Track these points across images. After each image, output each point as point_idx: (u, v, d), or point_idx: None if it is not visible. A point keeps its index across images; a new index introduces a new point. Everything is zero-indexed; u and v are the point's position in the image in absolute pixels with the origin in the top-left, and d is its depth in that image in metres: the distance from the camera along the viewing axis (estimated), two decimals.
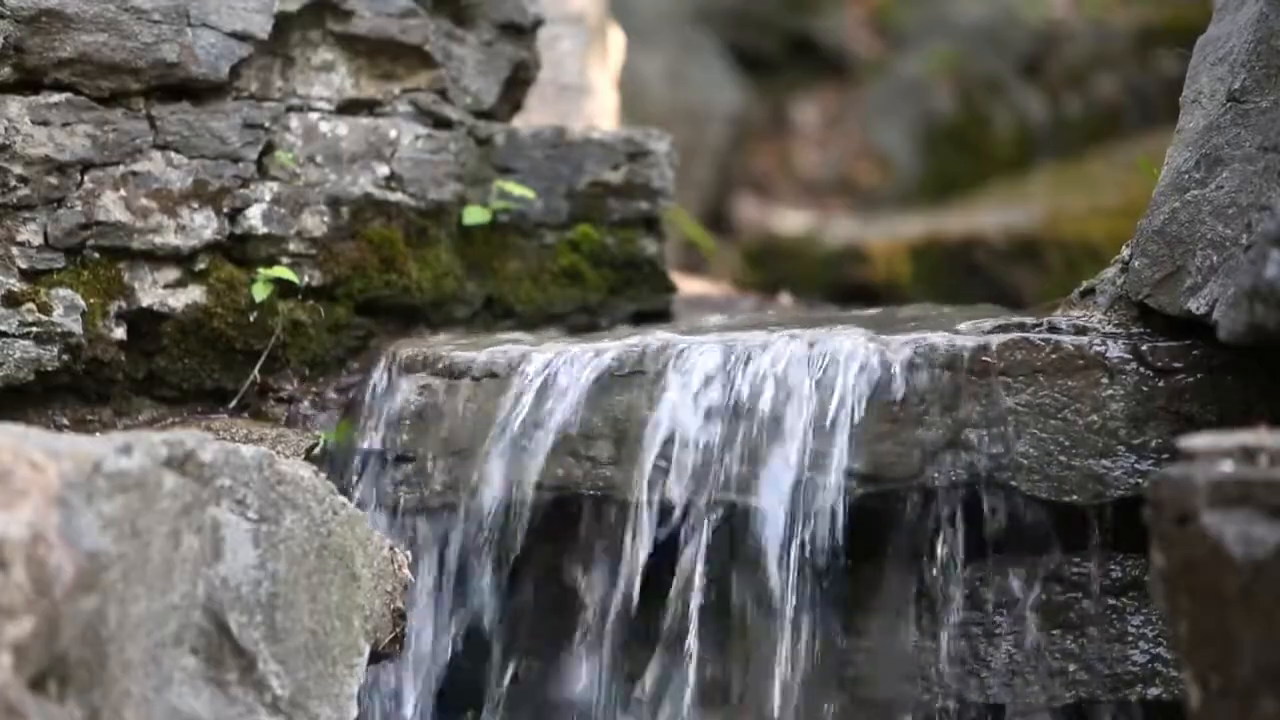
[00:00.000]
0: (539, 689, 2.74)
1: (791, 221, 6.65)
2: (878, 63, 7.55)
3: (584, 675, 2.69)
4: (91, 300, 2.80)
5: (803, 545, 2.58)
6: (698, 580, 2.62)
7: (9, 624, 1.83)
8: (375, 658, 2.32)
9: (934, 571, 2.63)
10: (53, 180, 2.79)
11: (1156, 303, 2.65)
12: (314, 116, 3.01)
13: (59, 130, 2.79)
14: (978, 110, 7.08)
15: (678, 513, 2.62)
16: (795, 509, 2.59)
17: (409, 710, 2.70)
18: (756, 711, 2.62)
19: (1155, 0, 6.95)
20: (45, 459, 1.92)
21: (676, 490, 2.62)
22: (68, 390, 2.85)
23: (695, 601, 2.62)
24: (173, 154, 2.87)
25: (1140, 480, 2.56)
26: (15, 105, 2.77)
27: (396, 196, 3.04)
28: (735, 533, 2.61)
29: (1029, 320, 2.73)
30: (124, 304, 2.85)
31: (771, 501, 2.59)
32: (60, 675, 1.92)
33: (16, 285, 2.76)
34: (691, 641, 2.63)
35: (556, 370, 2.71)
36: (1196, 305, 2.58)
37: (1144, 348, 2.63)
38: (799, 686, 2.60)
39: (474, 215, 3.12)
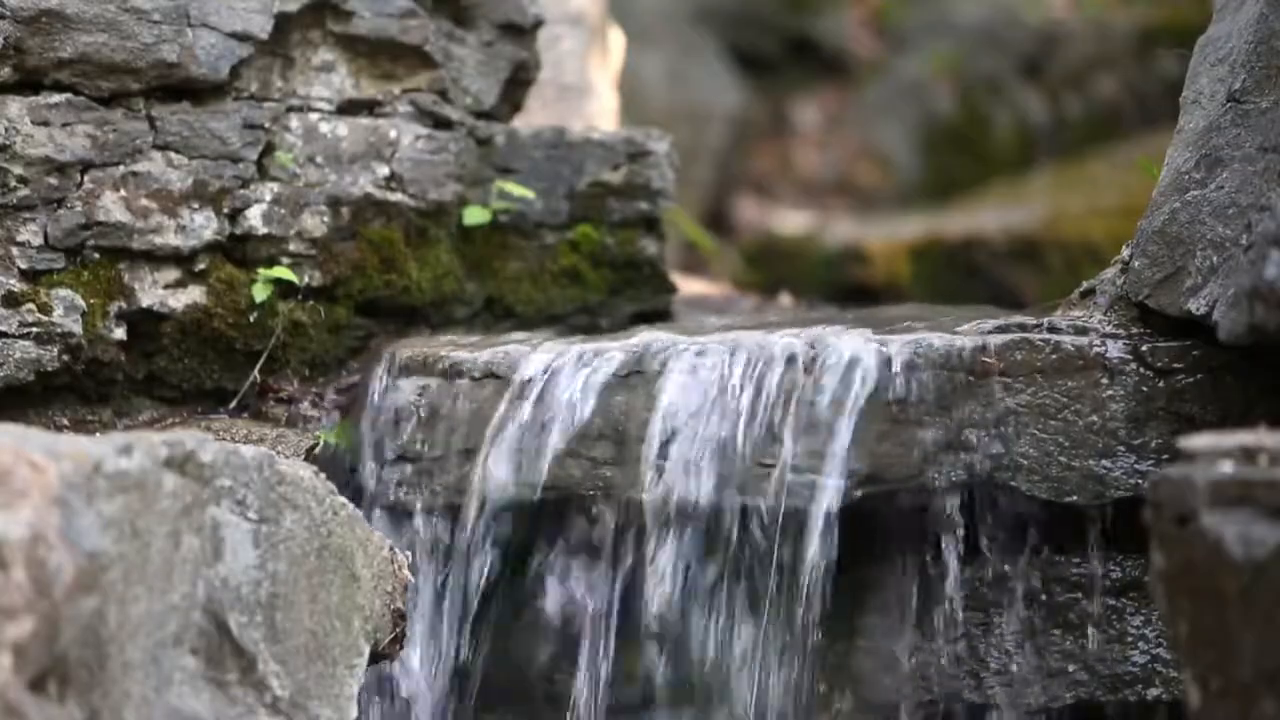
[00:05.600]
0: (537, 685, 2.74)
1: (791, 222, 6.64)
2: (878, 63, 7.54)
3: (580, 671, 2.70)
4: (91, 300, 2.80)
5: (802, 544, 2.58)
6: (694, 578, 2.62)
7: (9, 624, 1.83)
8: (375, 658, 2.32)
9: (933, 572, 2.63)
10: (53, 180, 2.79)
11: (1156, 303, 2.65)
12: (314, 117, 3.01)
13: (59, 130, 2.79)
14: (978, 110, 7.08)
15: (670, 511, 2.62)
16: (793, 508, 2.59)
17: (414, 711, 2.71)
18: (756, 710, 2.62)
19: (1155, 0, 6.95)
20: (45, 459, 1.92)
21: (672, 489, 2.62)
22: (68, 390, 2.85)
23: (692, 599, 2.63)
24: (173, 154, 2.87)
25: (1140, 480, 2.56)
26: (15, 105, 2.77)
27: (396, 197, 3.04)
28: (729, 532, 2.61)
29: (1029, 320, 2.73)
30: (124, 304, 2.85)
31: (767, 501, 2.59)
32: (60, 676, 1.92)
33: (16, 285, 2.76)
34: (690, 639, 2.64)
35: (557, 371, 2.71)
36: (1196, 306, 2.58)
37: (1144, 348, 2.63)
38: (798, 686, 2.61)
39: (474, 215, 3.12)
